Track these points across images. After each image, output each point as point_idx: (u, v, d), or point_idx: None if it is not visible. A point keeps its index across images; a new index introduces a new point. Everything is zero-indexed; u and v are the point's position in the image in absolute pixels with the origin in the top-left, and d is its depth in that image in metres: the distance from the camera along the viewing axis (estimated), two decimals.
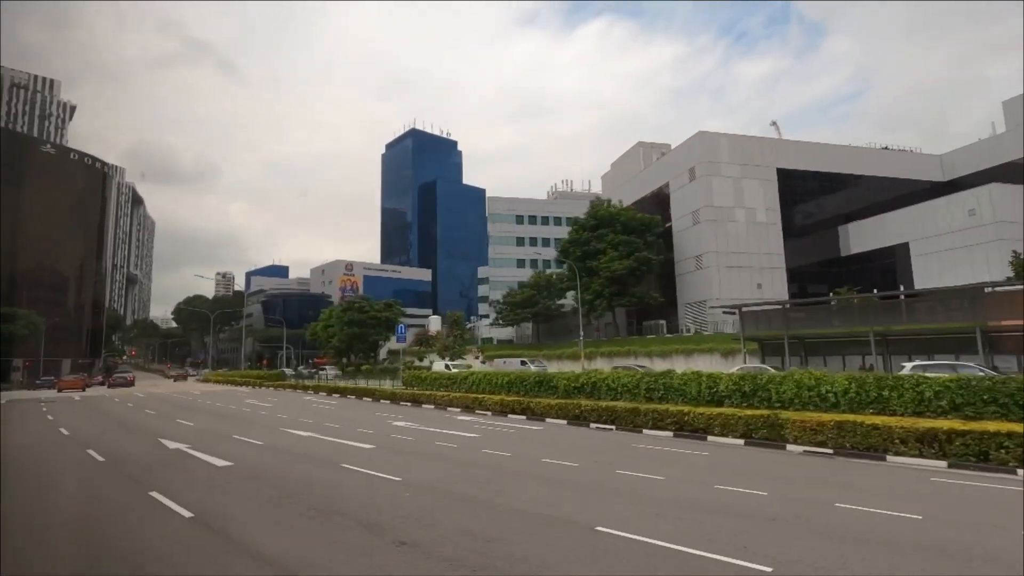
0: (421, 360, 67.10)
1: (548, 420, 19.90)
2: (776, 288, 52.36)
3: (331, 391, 37.97)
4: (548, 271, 65.99)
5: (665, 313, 55.69)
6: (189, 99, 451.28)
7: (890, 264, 52.43)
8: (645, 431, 16.46)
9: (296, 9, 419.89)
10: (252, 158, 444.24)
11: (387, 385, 37.75)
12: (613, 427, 17.52)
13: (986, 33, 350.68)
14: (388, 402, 30.19)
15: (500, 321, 67.65)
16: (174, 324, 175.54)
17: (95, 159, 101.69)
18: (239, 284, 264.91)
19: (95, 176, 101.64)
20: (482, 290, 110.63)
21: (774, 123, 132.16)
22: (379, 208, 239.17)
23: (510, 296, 64.25)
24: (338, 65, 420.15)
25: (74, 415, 25.50)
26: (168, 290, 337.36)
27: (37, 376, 63.85)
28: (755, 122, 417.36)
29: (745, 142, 54.18)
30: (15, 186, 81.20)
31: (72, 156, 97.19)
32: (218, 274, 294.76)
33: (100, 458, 12.89)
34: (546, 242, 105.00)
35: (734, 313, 36.97)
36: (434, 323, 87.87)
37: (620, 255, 52.49)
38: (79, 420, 23.04)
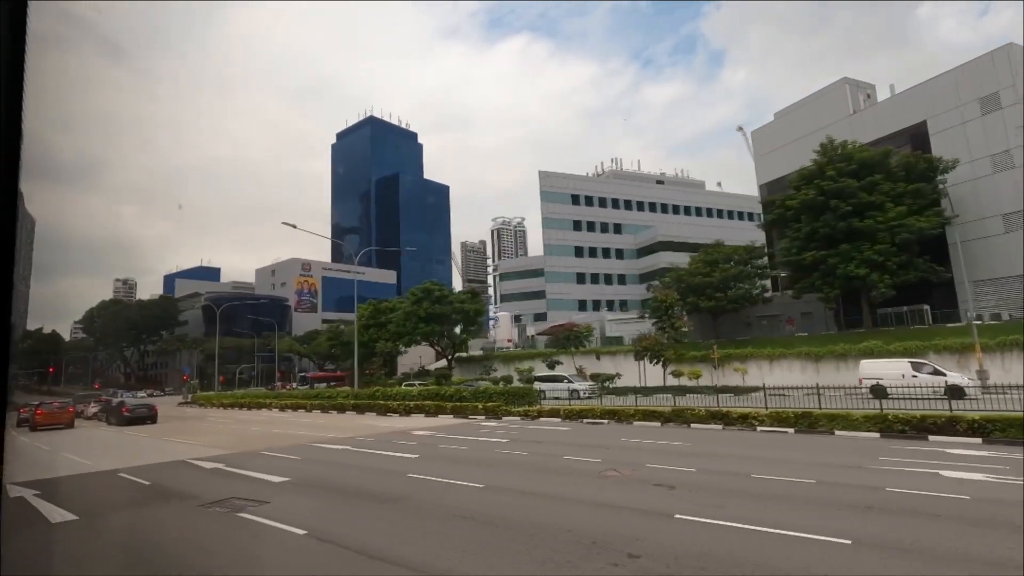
0: (552, 368, 47.32)
1: None
2: None
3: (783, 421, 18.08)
4: (722, 246, 48.94)
5: (919, 294, 40.64)
6: (66, 85, 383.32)
7: None
8: None
9: (195, 7, 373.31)
10: (145, 160, 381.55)
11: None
12: None
13: (864, 70, 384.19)
14: None
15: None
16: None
17: None
18: (142, 292, 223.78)
19: None
20: (512, 285, 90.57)
21: (740, 128, 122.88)
22: (301, 211, 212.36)
23: (689, 276, 46.43)
24: (243, 69, 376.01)
25: None
26: (47, 301, 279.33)
27: None
28: (660, 143, 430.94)
29: None
30: None
31: None
32: (117, 280, 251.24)
33: None
34: (604, 227, 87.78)
35: None
36: (504, 320, 67.79)
37: (908, 211, 37.06)
38: None
